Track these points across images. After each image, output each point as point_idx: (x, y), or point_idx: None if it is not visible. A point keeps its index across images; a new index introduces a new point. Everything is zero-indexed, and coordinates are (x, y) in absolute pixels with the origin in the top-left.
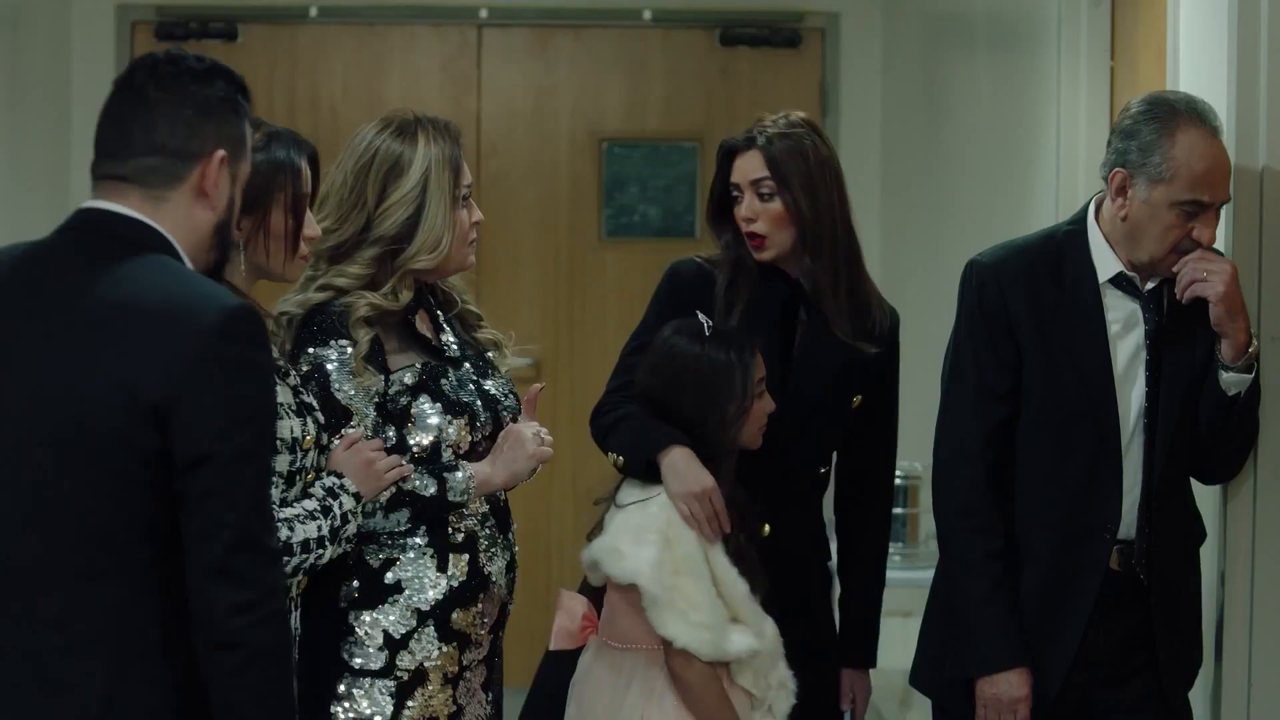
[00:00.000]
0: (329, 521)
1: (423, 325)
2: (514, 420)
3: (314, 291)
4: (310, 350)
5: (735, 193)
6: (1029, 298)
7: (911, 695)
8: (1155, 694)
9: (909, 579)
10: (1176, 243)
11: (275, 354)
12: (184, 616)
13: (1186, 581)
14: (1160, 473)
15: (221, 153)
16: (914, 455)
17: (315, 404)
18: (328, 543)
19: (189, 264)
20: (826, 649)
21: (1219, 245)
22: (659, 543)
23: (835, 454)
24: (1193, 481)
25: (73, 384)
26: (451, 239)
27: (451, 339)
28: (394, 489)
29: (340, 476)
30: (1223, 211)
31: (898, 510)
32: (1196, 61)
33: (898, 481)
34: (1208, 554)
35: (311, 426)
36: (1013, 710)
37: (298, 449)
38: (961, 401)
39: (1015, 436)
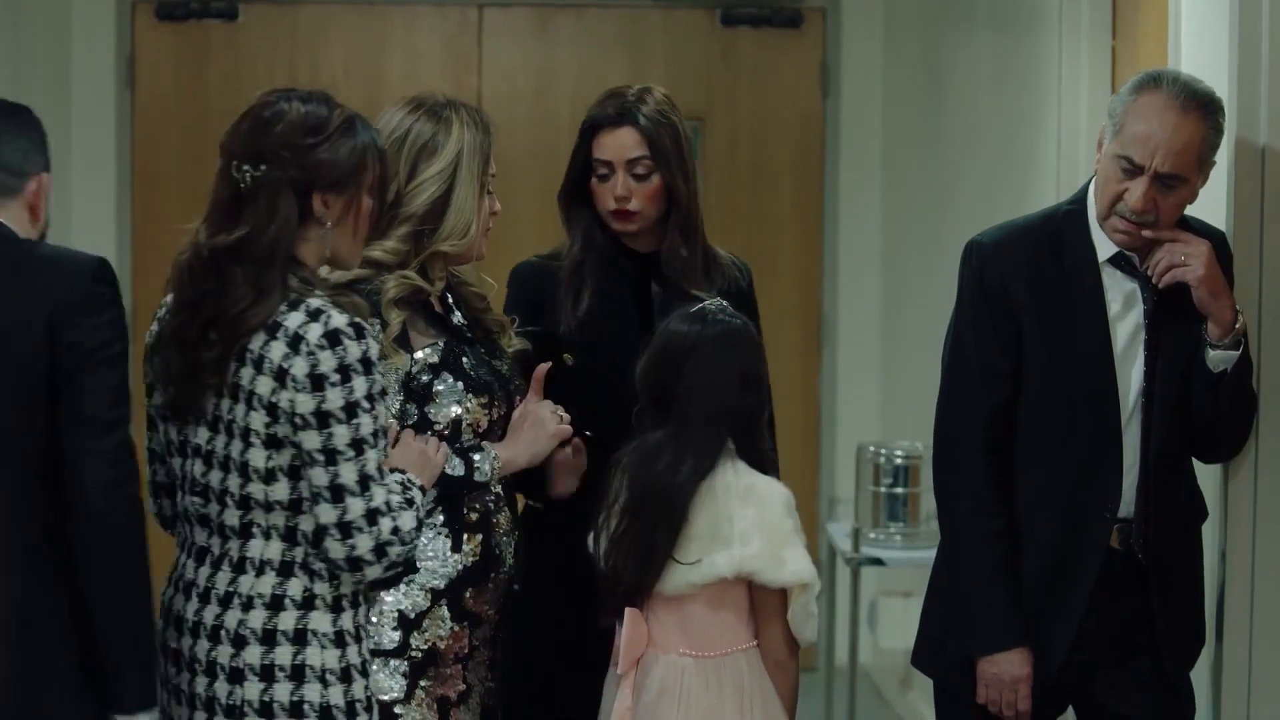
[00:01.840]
0: (414, 513)
1: (437, 305)
2: (520, 400)
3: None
4: None
5: (603, 170)
6: (1029, 278)
7: (912, 675)
8: (1157, 674)
9: (910, 559)
10: (1114, 200)
11: (377, 346)
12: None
13: (1187, 561)
14: (1158, 452)
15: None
16: (915, 435)
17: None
18: (415, 534)
19: None
20: None
21: (1219, 223)
22: (797, 528)
23: None
24: (1194, 461)
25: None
26: (478, 226)
27: (462, 319)
28: None
29: (403, 472)
30: (1223, 191)
31: (898, 490)
32: (1198, 41)
33: (898, 461)
34: (1209, 533)
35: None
36: (1014, 690)
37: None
38: (962, 382)
39: (1016, 416)
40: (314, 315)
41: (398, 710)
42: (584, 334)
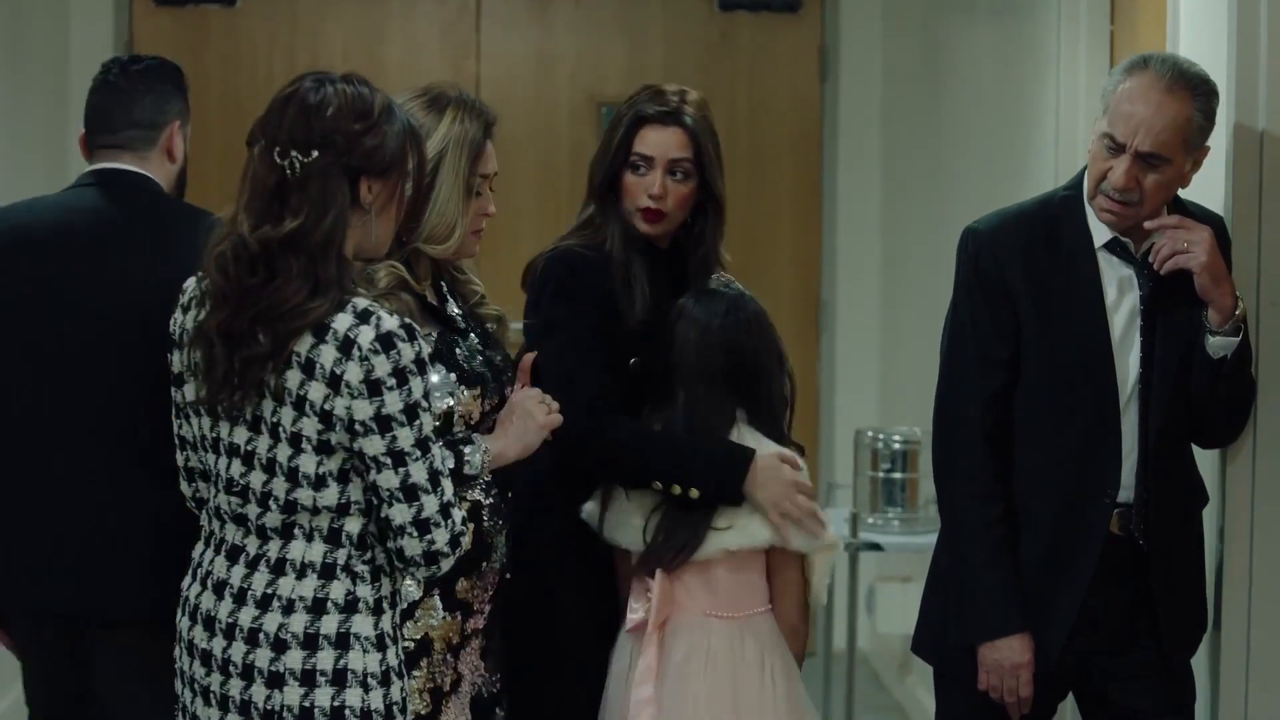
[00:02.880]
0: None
1: (431, 295)
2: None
3: None
4: None
5: (641, 166)
6: (1025, 264)
7: (911, 660)
8: (1157, 660)
9: (909, 544)
10: (1099, 178)
11: (429, 347)
12: None
13: (1187, 546)
14: (1157, 437)
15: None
16: (914, 421)
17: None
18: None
19: None
20: None
21: (1217, 208)
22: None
23: None
24: (1194, 446)
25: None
26: (462, 229)
27: (456, 310)
28: None
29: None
30: (1221, 176)
31: (897, 475)
32: (1197, 25)
33: (897, 447)
34: (1208, 519)
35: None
36: (1015, 675)
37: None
38: (960, 368)
39: (1014, 403)
40: (363, 317)
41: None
42: (647, 334)
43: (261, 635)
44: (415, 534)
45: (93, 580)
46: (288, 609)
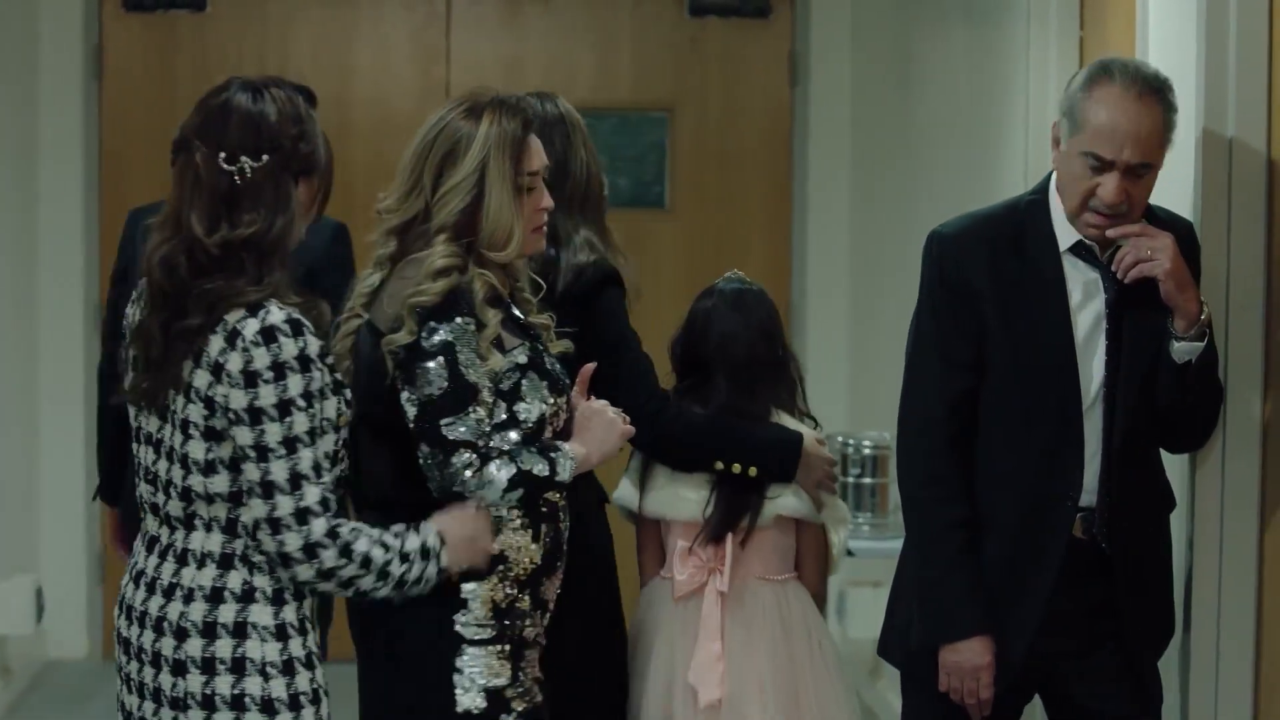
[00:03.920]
0: (389, 552)
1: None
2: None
3: (440, 266)
4: (436, 325)
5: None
6: (990, 268)
7: (881, 665)
8: (1123, 662)
9: (878, 549)
10: (1085, 196)
11: (317, 344)
12: None
13: (1154, 550)
14: (1120, 441)
15: None
16: (884, 426)
17: (346, 382)
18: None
19: None
20: None
21: (1186, 213)
22: None
23: None
24: (1162, 451)
25: None
26: (520, 232)
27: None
28: (515, 468)
29: (439, 545)
30: (1191, 181)
31: (867, 480)
32: (1165, 31)
33: (866, 452)
34: (1176, 522)
35: (343, 405)
36: (975, 678)
37: (338, 428)
38: (925, 372)
39: (978, 406)
40: (252, 310)
41: (509, 694)
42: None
43: (165, 624)
44: (268, 531)
45: None
46: (188, 598)
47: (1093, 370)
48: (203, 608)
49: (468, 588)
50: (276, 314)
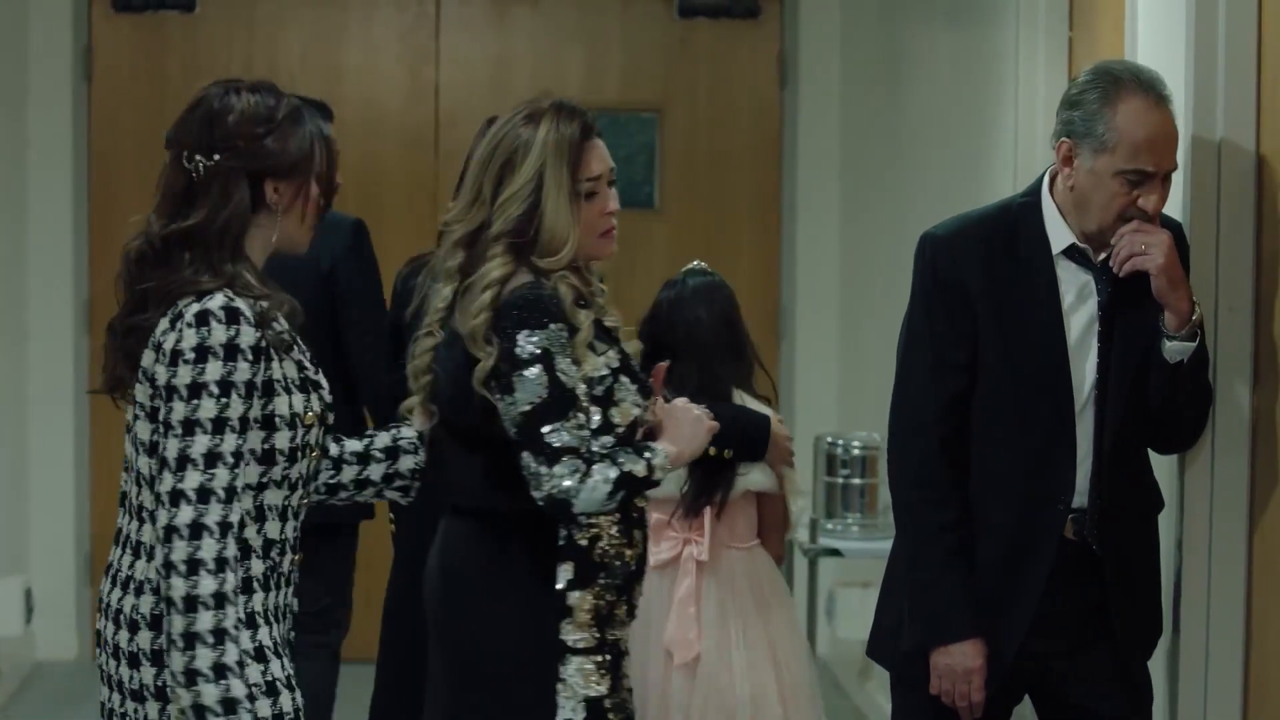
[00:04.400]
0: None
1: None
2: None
3: (517, 274)
4: (530, 333)
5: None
6: (983, 270)
7: (870, 666)
8: (1114, 664)
9: (868, 549)
10: (1122, 211)
11: (282, 327)
12: None
13: (1143, 551)
14: (1112, 443)
15: None
16: (873, 426)
17: (323, 381)
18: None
19: None
20: None
21: (1176, 214)
22: None
23: None
24: (1151, 452)
25: None
26: (575, 239)
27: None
28: (618, 471)
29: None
30: (1180, 182)
31: (856, 481)
32: (1155, 32)
33: (856, 452)
34: (1165, 524)
35: (315, 403)
36: (967, 680)
37: (299, 424)
38: (917, 374)
39: (970, 408)
40: (200, 296)
41: (607, 704)
42: None
43: (121, 616)
44: (164, 504)
45: None
46: (139, 590)
47: (1085, 372)
48: (150, 600)
49: (573, 596)
50: (217, 300)
